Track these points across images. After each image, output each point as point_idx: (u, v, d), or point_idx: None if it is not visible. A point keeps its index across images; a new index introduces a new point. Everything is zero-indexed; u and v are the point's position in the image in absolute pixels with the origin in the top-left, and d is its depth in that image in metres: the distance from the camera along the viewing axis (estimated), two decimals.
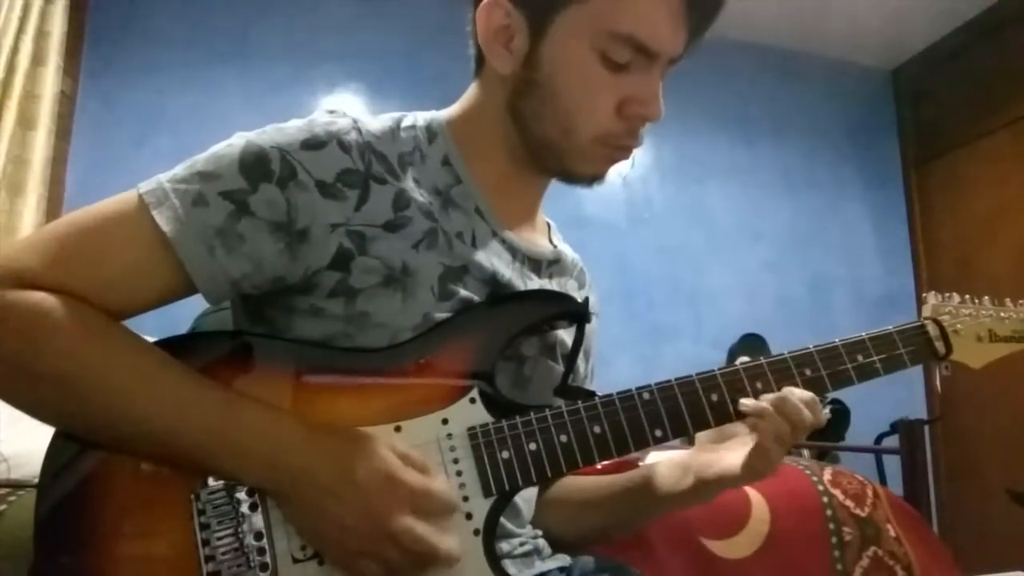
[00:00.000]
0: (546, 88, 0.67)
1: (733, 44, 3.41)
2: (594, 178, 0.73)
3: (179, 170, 0.63)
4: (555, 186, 0.79)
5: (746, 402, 0.66)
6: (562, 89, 0.67)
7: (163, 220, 0.59)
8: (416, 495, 0.56)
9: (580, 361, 0.82)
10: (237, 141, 0.64)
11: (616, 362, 2.70)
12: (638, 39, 0.65)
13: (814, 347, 0.70)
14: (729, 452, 0.71)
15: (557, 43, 0.66)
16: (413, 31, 2.83)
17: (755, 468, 0.68)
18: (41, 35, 2.31)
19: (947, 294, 0.77)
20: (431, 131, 0.74)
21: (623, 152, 0.71)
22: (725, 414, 0.67)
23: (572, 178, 0.73)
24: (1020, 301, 0.78)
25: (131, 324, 0.62)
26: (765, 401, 0.65)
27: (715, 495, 0.74)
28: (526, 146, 0.72)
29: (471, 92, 0.76)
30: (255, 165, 0.62)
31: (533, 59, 0.68)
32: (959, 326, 0.75)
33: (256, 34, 2.76)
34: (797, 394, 0.66)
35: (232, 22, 2.74)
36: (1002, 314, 0.77)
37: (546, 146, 0.70)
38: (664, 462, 0.78)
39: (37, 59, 2.29)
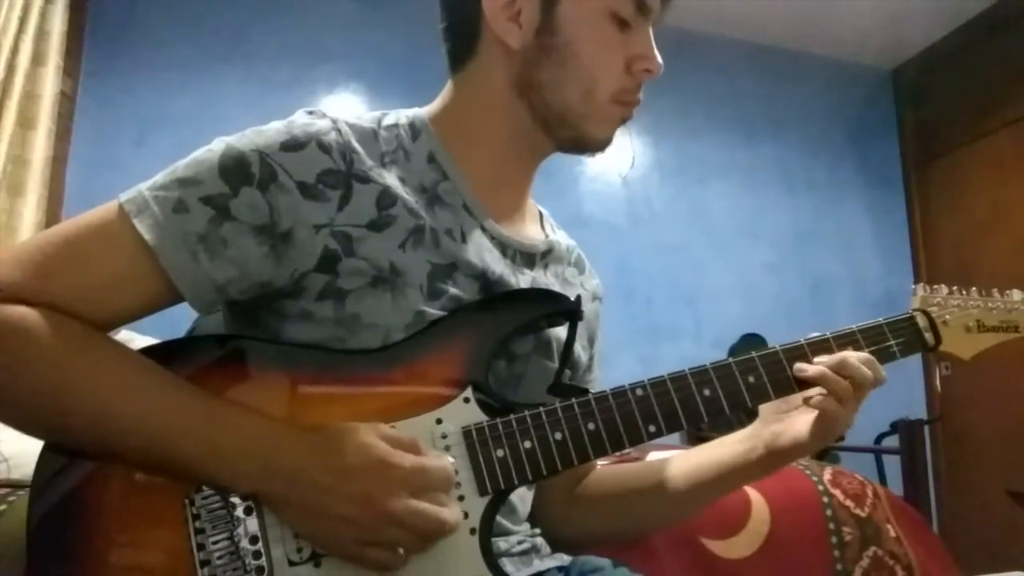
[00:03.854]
0: (566, 51, 0.70)
1: (733, 44, 3.42)
2: (604, 143, 0.75)
3: (159, 178, 0.62)
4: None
5: (802, 366, 0.68)
6: (582, 50, 0.70)
7: (144, 228, 0.59)
8: (411, 474, 0.56)
9: (582, 350, 0.82)
10: (216, 146, 0.63)
11: (616, 362, 2.68)
12: None
13: (805, 340, 0.70)
14: (796, 420, 0.73)
15: (574, 6, 0.69)
16: (414, 31, 2.82)
17: (826, 431, 0.69)
18: (41, 35, 2.32)
19: (935, 285, 0.77)
20: (415, 128, 0.73)
21: (631, 109, 0.74)
22: (718, 408, 0.67)
23: (585, 145, 0.75)
24: (1007, 291, 0.78)
25: (131, 324, 0.62)
26: (822, 365, 0.67)
27: (785, 464, 0.77)
28: (539, 120, 0.73)
29: (454, 86, 0.76)
30: (235, 169, 0.61)
31: (549, 26, 0.70)
32: (948, 317, 0.75)
33: (256, 34, 2.76)
34: (855, 355, 0.68)
35: (232, 22, 2.74)
36: (989, 304, 0.77)
37: (564, 113, 0.72)
38: (712, 445, 0.79)
39: (37, 59, 2.30)
